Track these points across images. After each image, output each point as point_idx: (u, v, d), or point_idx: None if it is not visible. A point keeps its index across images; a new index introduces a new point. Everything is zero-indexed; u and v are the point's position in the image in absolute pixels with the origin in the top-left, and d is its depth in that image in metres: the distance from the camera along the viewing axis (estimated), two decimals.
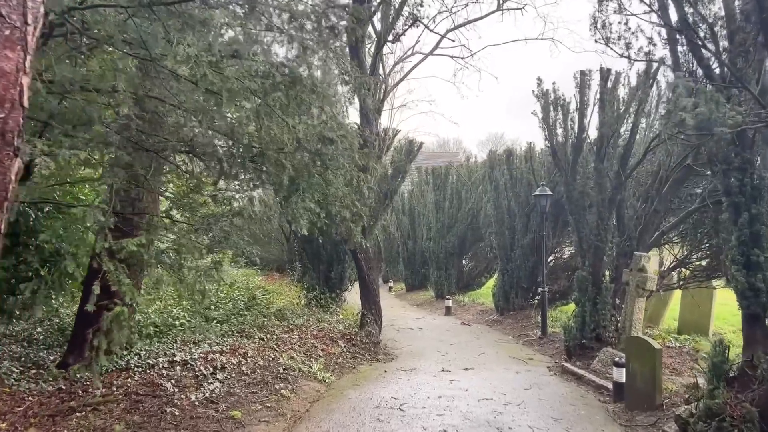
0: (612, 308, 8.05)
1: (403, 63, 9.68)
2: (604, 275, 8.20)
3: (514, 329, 11.78)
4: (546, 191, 10.57)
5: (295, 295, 13.45)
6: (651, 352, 5.84)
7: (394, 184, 12.64)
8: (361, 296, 9.24)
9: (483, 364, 8.46)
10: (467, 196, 16.90)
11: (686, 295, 9.53)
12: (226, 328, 9.00)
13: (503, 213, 13.03)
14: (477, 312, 14.39)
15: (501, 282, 13.05)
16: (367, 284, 9.03)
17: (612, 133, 7.78)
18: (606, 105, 7.68)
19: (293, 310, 10.92)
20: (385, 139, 11.68)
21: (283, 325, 9.57)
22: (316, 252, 12.25)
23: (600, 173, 7.92)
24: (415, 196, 20.77)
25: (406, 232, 21.70)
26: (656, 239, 8.21)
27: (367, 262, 8.92)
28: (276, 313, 10.35)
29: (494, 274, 16.23)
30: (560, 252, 13.23)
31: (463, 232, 17.11)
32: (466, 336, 11.13)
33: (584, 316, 8.14)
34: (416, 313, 15.16)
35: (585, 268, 8.18)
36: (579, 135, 8.25)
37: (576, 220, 8.35)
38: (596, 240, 8.04)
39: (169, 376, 6.55)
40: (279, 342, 8.53)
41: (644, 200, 8.31)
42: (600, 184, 7.93)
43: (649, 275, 7.27)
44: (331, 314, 11.35)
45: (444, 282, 17.29)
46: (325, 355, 8.28)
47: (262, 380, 6.81)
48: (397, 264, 24.15)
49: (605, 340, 7.98)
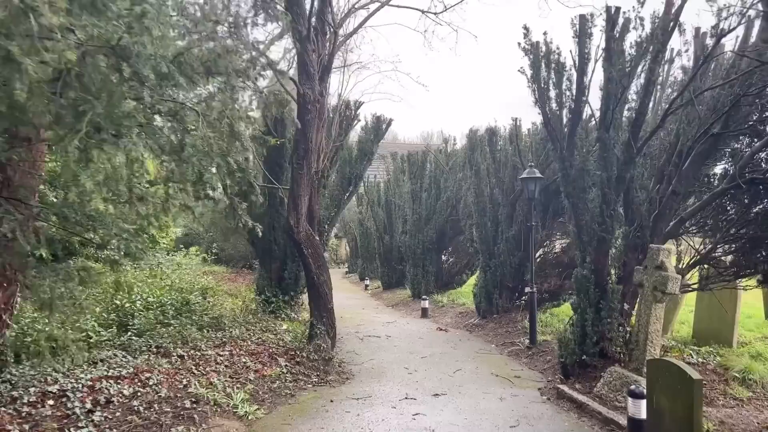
0: (620, 316, 6.39)
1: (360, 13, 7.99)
2: (609, 274, 6.53)
3: (498, 336, 10.11)
4: (535, 173, 8.88)
5: (249, 297, 11.60)
6: (687, 384, 4.17)
7: (359, 167, 10.86)
8: (310, 301, 7.46)
9: (459, 386, 6.74)
10: (446, 184, 15.18)
11: (701, 297, 7.93)
12: (142, 342, 7.18)
13: (485, 202, 11.33)
14: (456, 314, 12.69)
15: (483, 280, 11.36)
16: (317, 286, 7.25)
17: (621, 91, 6.09)
18: (613, 55, 5.99)
19: (235, 317, 9.09)
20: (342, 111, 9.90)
21: (217, 338, 7.76)
22: (266, 247, 10.42)
23: (605, 145, 6.23)
24: (391, 186, 19.02)
25: (382, 226, 19.97)
26: (674, 228, 6.56)
27: (315, 259, 7.13)
28: (211, 322, 8.52)
29: (476, 271, 14.60)
30: (550, 246, 11.58)
31: (442, 225, 15.40)
32: (442, 345, 9.41)
33: (585, 326, 6.46)
34: (389, 316, 13.41)
35: (585, 266, 6.50)
36: (577, 97, 6.55)
37: (574, 205, 6.66)
38: (600, 229, 6.36)
39: (29, 416, 4.76)
40: (202, 361, 6.73)
41: (658, 179, 6.65)
42: (605, 158, 6.25)
43: (670, 274, 5.61)
44: (282, 322, 9.56)
45: (421, 280, 15.58)
46: (257, 379, 6.50)
47: (156, 421, 5.01)
48: (373, 260, 22.41)
49: (612, 356, 6.32)
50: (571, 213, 6.79)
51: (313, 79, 6.08)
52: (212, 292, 12.24)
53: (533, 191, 8.91)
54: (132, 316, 8.25)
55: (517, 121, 10.47)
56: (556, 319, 10.45)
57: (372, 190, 21.01)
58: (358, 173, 10.89)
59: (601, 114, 6.27)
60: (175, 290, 11.07)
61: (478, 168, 11.36)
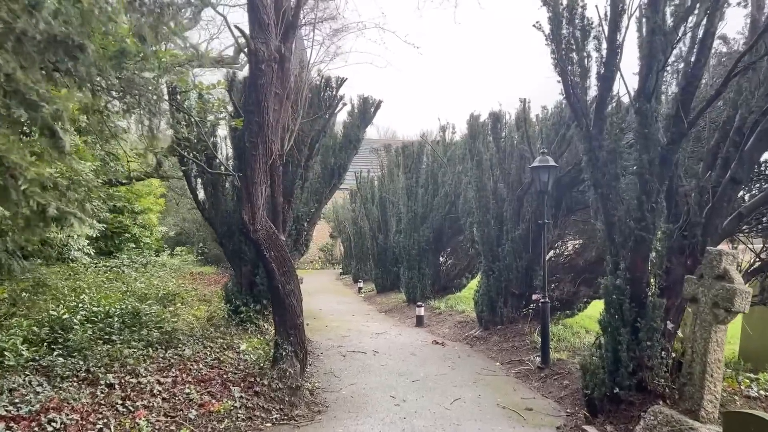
0: (663, 338, 5.01)
1: None
2: (649, 284, 5.14)
3: (503, 351, 8.72)
4: (548, 161, 7.49)
5: (220, 305, 10.20)
6: None
7: (344, 157, 9.45)
8: (274, 316, 6.05)
9: (457, 424, 5.35)
10: (444, 179, 13.78)
11: (751, 310, 6.53)
12: (70, 365, 5.81)
13: (488, 197, 9.93)
14: (455, 324, 11.30)
15: (485, 286, 9.96)
16: (282, 298, 5.85)
17: (667, 49, 4.70)
18: (660, 0, 4.59)
19: (192, 331, 7.70)
20: (321, 86, 8.49)
21: (163, 359, 6.38)
22: (236, 248, 9.02)
23: (645, 118, 4.84)
24: (385, 182, 17.62)
25: (376, 225, 18.57)
26: (730, 226, 5.16)
27: (280, 264, 5.73)
28: (162, 338, 7.13)
29: (477, 274, 13.22)
30: (562, 247, 10.19)
31: (439, 223, 13.99)
32: (438, 363, 8.02)
33: (617, 350, 5.07)
34: (380, 324, 12.01)
35: (619, 273, 5.11)
36: (609, 59, 5.14)
37: (603, 197, 5.27)
38: (637, 227, 4.97)
39: None
40: (135, 392, 5.34)
41: (708, 165, 5.25)
42: (646, 135, 4.85)
43: (737, 287, 4.21)
44: (250, 336, 8.15)
45: (417, 284, 14.18)
46: (200, 417, 5.11)
47: None
48: (368, 262, 21.00)
49: (653, 389, 4.94)
50: (598, 207, 5.40)
51: (267, 30, 4.67)
52: (180, 298, 10.89)
53: (546, 182, 7.52)
54: (68, 330, 6.88)
55: (526, 102, 9.07)
56: (570, 332, 9.06)
57: (365, 187, 19.61)
58: (343, 163, 9.47)
59: (641, 79, 4.88)
60: (134, 297, 9.71)
61: (480, 158, 9.96)
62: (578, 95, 5.31)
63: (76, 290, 9.39)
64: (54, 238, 13.44)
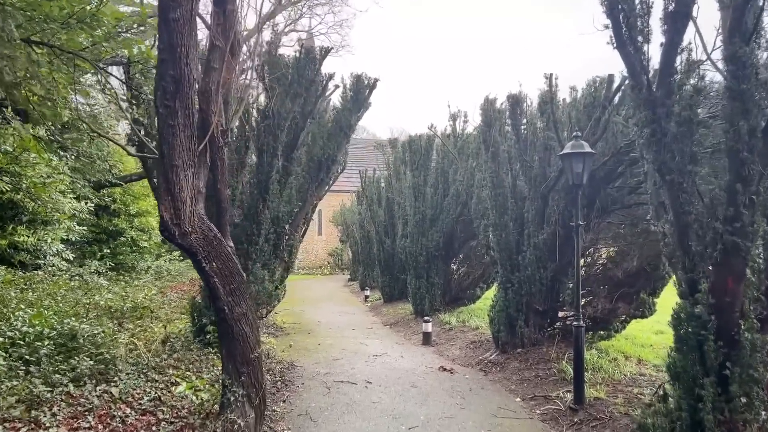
0: (763, 391, 3.40)
1: None
2: (744, 314, 3.53)
3: (525, 382, 7.13)
4: (583, 147, 5.91)
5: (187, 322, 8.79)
6: None
7: (333, 146, 7.97)
8: (221, 348, 4.57)
9: None
10: (455, 176, 12.20)
11: None
12: None
13: (505, 195, 8.35)
14: (467, 343, 9.71)
15: (503, 301, 8.36)
16: (229, 324, 4.37)
17: None
18: None
19: (138, 358, 6.27)
20: (300, 56, 7.02)
21: (86, 399, 4.95)
22: None
23: (743, 69, 3.26)
24: (392, 181, 16.10)
25: (383, 229, 17.04)
26: None
27: (225, 279, 4.26)
28: (96, 368, 5.71)
29: (493, 284, 11.63)
30: (595, 254, 8.55)
31: (450, 227, 12.41)
32: (444, 400, 6.46)
33: (696, 409, 3.47)
34: (380, 343, 10.47)
35: (698, 298, 3.52)
36: None
37: (672, 186, 3.69)
38: (728, 230, 3.38)
39: None
40: None
41: None
42: (741, 95, 3.27)
43: None
44: (210, 366, 6.68)
45: (425, 294, 12.61)
46: None
47: None
48: (375, 268, 19.46)
49: None
50: (663, 201, 3.81)
51: None
52: (149, 312, 9.52)
53: (580, 174, 5.93)
54: None
55: (552, 78, 7.48)
56: (606, 360, 7.42)
57: (371, 187, 18.12)
58: (332, 155, 7.97)
59: (735, 12, 3.30)
60: (97, 310, 8.38)
61: (496, 149, 8.40)
62: (636, 42, 3.74)
63: (23, 303, 8.06)
64: (24, 241, 12.27)
